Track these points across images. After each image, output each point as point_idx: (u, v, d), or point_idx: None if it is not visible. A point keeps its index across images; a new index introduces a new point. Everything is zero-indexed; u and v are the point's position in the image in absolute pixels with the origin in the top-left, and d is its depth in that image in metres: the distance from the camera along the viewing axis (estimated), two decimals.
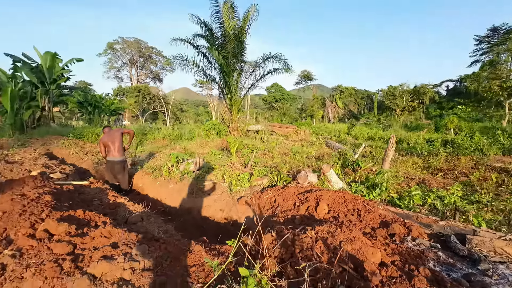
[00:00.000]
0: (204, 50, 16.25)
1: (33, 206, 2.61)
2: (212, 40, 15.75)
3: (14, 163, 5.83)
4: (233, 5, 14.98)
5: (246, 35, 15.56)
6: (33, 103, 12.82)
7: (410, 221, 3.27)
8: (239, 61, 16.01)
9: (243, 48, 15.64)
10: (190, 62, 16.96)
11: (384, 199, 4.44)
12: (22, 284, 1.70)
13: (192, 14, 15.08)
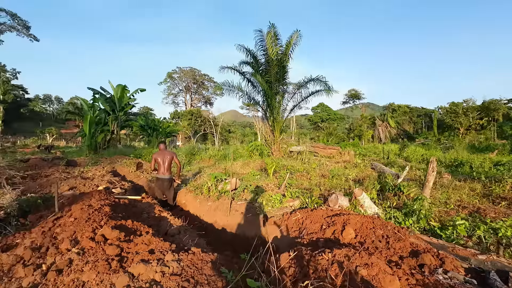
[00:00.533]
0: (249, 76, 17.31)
1: (96, 215, 3.24)
2: (257, 66, 16.70)
3: (87, 179, 7.03)
4: (276, 33, 15.84)
5: (288, 60, 16.17)
6: (105, 128, 15.15)
7: (445, 252, 3.06)
8: (282, 84, 16.58)
9: (285, 72, 16.22)
10: (235, 87, 18.20)
11: (423, 228, 4.14)
12: (81, 275, 2.18)
13: (238, 44, 16.24)
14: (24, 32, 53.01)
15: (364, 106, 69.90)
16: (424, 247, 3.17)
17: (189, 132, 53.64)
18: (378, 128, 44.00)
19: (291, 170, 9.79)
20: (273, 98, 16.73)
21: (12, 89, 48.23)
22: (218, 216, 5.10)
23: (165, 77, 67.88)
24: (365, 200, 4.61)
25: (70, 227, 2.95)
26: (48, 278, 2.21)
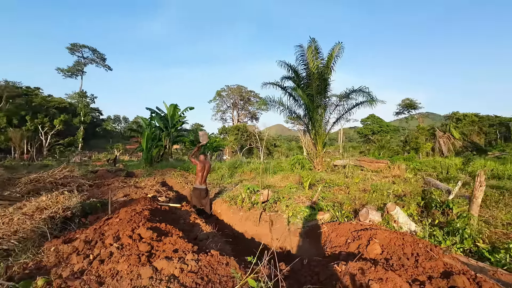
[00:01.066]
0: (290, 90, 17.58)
1: (136, 217, 3.75)
2: (298, 81, 16.88)
3: (139, 188, 7.96)
4: (317, 47, 15.94)
5: (330, 72, 16.02)
6: (159, 143, 16.86)
7: (484, 276, 2.73)
8: (323, 97, 16.40)
9: (327, 84, 16.06)
10: (276, 102, 18.58)
11: (469, 249, 3.68)
12: (117, 265, 2.59)
13: (279, 61, 16.65)
14: (101, 63, 62.79)
15: (422, 116, 63.74)
16: (459, 268, 2.88)
17: (236, 146, 55.57)
18: (438, 140, 39.62)
19: (330, 184, 9.54)
20: (314, 111, 16.63)
21: (90, 112, 56.94)
22: (248, 226, 5.29)
23: (214, 95, 72.20)
24: (399, 216, 4.31)
25: (115, 226, 3.48)
26: (93, 265, 2.67)
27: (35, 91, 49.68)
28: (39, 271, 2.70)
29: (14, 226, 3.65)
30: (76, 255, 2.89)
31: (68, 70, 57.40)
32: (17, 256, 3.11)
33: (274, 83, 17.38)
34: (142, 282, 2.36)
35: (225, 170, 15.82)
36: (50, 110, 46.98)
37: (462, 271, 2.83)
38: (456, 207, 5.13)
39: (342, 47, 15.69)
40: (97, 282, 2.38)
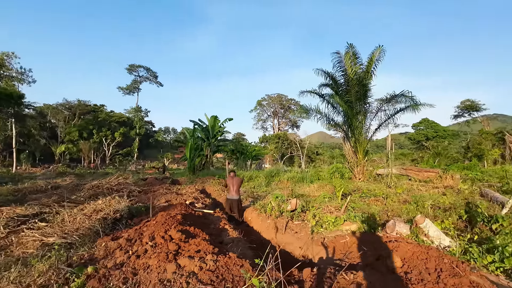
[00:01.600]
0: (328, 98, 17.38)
1: (170, 221, 4.26)
2: (336, 87, 16.62)
3: (180, 194, 8.71)
4: (355, 53, 15.61)
5: (371, 77, 15.51)
6: (201, 153, 18.01)
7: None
8: (363, 103, 15.88)
9: (366, 90, 15.53)
10: (314, 110, 18.49)
11: (511, 269, 3.33)
12: (149, 260, 3.05)
13: (316, 69, 16.57)
14: (154, 80, 69.23)
15: (487, 118, 56.31)
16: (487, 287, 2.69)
17: (277, 155, 55.70)
18: (509, 146, 34.63)
19: (367, 194, 9.21)
20: (354, 118, 16.16)
21: (144, 124, 62.97)
22: (274, 233, 5.47)
23: (255, 105, 73.73)
24: (430, 229, 4.07)
25: (151, 228, 4.02)
26: (131, 259, 3.18)
27: (100, 107, 56.93)
28: (91, 261, 3.30)
29: (76, 224, 4.45)
30: (119, 250, 3.45)
31: (127, 88, 64.50)
32: (77, 248, 3.81)
33: (312, 91, 17.36)
34: (167, 275, 2.75)
35: (262, 179, 16.14)
36: (112, 124, 53.28)
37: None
38: (507, 223, 4.63)
39: (383, 50, 15.11)
40: (132, 273, 2.85)
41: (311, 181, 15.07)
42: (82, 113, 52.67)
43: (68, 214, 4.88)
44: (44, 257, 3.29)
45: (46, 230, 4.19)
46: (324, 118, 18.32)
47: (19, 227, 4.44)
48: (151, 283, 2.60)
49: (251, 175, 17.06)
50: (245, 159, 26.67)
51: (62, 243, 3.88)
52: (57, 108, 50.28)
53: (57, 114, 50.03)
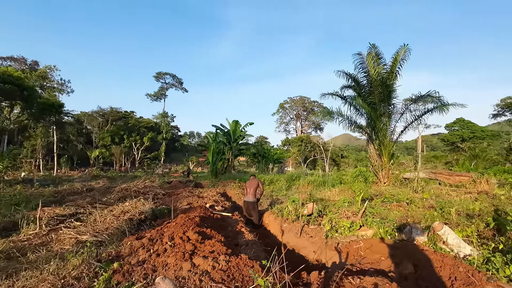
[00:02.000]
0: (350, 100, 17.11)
1: (188, 222, 4.53)
2: (358, 89, 16.32)
3: (201, 197, 9.07)
4: (378, 53, 15.28)
5: (396, 77, 15.10)
6: (223, 156, 18.45)
7: None
8: (387, 104, 15.44)
9: (390, 91, 15.09)
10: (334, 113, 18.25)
11: None
12: (167, 259, 3.32)
13: (338, 70, 16.34)
14: (179, 87, 71.91)
15: None
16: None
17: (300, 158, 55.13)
18: None
19: (390, 199, 8.99)
20: (377, 120, 15.76)
21: (171, 129, 65.55)
22: (290, 237, 5.56)
23: (278, 108, 73.75)
24: (448, 237, 3.94)
25: (171, 229, 4.32)
26: (151, 257, 3.47)
27: (130, 114, 60.26)
28: (117, 258, 3.64)
29: (106, 224, 4.89)
30: (142, 249, 3.77)
31: (154, 94, 67.72)
32: (106, 246, 4.20)
33: (334, 93, 17.18)
34: (182, 273, 2.99)
35: (282, 182, 16.17)
36: (141, 129, 56.11)
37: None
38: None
39: (408, 49, 14.65)
40: (152, 270, 3.13)
41: (333, 185, 14.86)
42: (114, 119, 56.16)
43: (99, 215, 5.37)
44: (78, 253, 3.70)
45: (80, 229, 4.66)
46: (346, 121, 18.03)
47: (58, 225, 4.97)
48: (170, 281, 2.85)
49: (271, 178, 17.15)
50: (266, 162, 26.80)
51: (94, 241, 4.30)
52: (92, 115, 54.10)
53: (92, 121, 53.83)
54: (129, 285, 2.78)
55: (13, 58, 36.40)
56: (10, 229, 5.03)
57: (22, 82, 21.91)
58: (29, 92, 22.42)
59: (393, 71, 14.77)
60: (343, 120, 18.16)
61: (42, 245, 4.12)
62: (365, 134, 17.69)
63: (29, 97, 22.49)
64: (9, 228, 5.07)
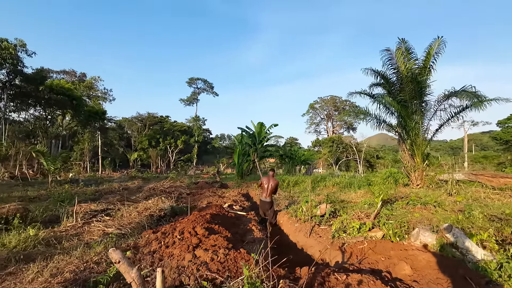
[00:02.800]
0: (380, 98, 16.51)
1: (199, 219, 4.89)
2: (388, 87, 15.73)
3: (222, 197, 9.49)
4: (408, 48, 14.63)
5: (430, 73, 14.32)
6: (248, 158, 18.84)
7: None
8: (420, 102, 14.67)
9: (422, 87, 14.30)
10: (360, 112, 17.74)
11: None
12: (173, 250, 3.68)
13: (365, 68, 15.78)
14: (210, 91, 74.47)
15: None
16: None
17: (331, 159, 53.73)
18: None
19: (415, 201, 8.62)
20: (408, 119, 15.04)
21: (202, 132, 68.10)
22: (300, 237, 5.65)
23: (308, 108, 72.74)
24: (457, 240, 3.75)
25: (183, 224, 4.71)
26: (161, 248, 3.86)
27: (166, 118, 63.88)
28: (134, 248, 4.10)
29: (130, 219, 5.46)
30: (155, 241, 4.20)
31: (187, 99, 70.93)
32: (127, 238, 4.73)
33: (362, 92, 16.72)
34: (184, 263, 3.32)
35: (307, 183, 16.05)
36: (175, 133, 59.23)
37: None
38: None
39: (442, 41, 13.78)
40: (159, 259, 3.51)
41: (359, 187, 14.44)
42: (151, 124, 60.02)
43: (126, 211, 5.99)
44: (102, 242, 4.24)
45: (108, 222, 5.27)
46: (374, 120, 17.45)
47: (91, 219, 5.66)
48: (170, 267, 3.19)
49: (296, 179, 17.09)
50: (294, 163, 26.66)
51: (118, 233, 4.86)
52: (132, 121, 58.44)
53: (132, 126, 58.11)
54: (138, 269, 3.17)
55: (65, 71, 40.93)
56: (54, 221, 5.85)
57: (71, 92, 24.59)
58: (77, 101, 25.08)
59: (426, 66, 14.00)
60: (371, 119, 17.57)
61: (75, 235, 4.77)
62: (395, 133, 16.96)
63: (77, 106, 25.16)
64: (53, 220, 5.89)
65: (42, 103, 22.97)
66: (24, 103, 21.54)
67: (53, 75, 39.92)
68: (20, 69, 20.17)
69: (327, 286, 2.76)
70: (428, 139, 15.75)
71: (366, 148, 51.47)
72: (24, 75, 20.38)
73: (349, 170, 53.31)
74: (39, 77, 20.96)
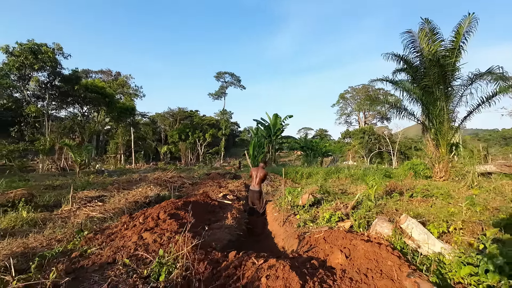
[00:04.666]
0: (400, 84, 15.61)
1: (170, 205, 5.15)
2: (412, 72, 14.74)
3: (222, 187, 9.74)
4: (432, 28, 13.53)
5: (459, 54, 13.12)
6: (263, 150, 18.89)
7: None
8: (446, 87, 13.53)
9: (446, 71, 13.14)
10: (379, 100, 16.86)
11: None
12: (127, 232, 3.96)
13: (386, 53, 14.90)
14: (237, 84, 75.20)
15: None
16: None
17: (361, 151, 51.48)
18: None
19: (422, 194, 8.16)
20: (431, 106, 13.99)
21: (230, 126, 69.38)
22: (275, 225, 5.65)
23: (338, 99, 70.11)
24: (413, 231, 3.48)
25: (151, 210, 5.01)
26: (121, 231, 4.19)
27: (195, 113, 66.21)
28: (103, 230, 4.49)
29: (115, 205, 5.94)
30: (120, 224, 4.54)
31: (215, 93, 72.55)
32: (107, 221, 5.17)
33: (383, 79, 15.91)
34: (129, 243, 3.58)
35: (321, 175, 15.70)
36: (204, 126, 61.18)
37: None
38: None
39: (474, 18, 12.48)
40: (110, 239, 3.84)
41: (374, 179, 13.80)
42: (182, 118, 62.67)
43: (117, 197, 6.51)
44: (81, 224, 4.71)
45: (95, 208, 5.81)
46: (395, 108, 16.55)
47: (86, 204, 6.27)
48: (114, 246, 3.47)
49: (310, 171, 16.78)
50: (315, 155, 26.12)
51: (100, 217, 5.34)
52: (164, 116, 61.60)
53: (164, 121, 61.27)
54: (87, 248, 3.51)
55: (102, 71, 44.35)
56: (58, 206, 6.57)
57: (104, 90, 26.67)
58: (109, 98, 27.15)
59: (455, 47, 12.82)
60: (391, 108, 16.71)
61: (64, 218, 5.34)
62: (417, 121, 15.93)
63: (110, 103, 27.23)
64: (57, 205, 6.62)
65: (79, 101, 25.29)
66: (63, 101, 23.93)
67: (92, 75, 43.56)
68: (58, 71, 22.38)
69: (242, 268, 2.80)
70: (455, 127, 14.56)
71: (401, 139, 48.38)
72: (62, 76, 22.59)
73: (382, 162, 50.67)
74: (75, 77, 23.06)
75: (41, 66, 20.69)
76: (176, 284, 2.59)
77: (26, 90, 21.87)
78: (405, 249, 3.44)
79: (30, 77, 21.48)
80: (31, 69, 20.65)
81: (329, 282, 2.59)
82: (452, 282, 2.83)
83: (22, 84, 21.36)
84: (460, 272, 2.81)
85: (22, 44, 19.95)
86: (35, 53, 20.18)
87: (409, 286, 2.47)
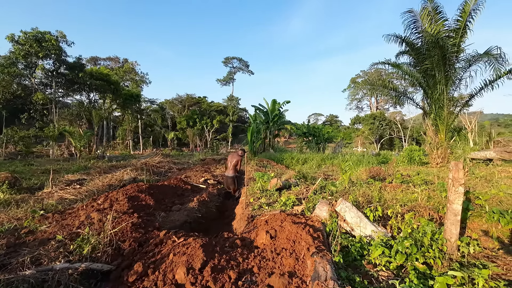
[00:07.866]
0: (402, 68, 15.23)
1: (134, 188, 5.37)
2: (414, 54, 14.26)
3: (207, 172, 9.95)
4: (435, 7, 12.96)
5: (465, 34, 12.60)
6: (261, 136, 18.91)
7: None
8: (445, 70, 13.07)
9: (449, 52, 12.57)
10: (378, 85, 16.44)
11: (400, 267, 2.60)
12: (81, 212, 4.20)
13: (387, 34, 14.41)
14: (245, 70, 74.34)
15: None
16: (306, 274, 2.42)
17: (372, 137, 50.51)
18: None
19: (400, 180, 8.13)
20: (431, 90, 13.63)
21: (238, 112, 69.29)
22: (239, 209, 5.80)
23: (349, 83, 68.28)
24: (346, 214, 3.50)
25: (114, 193, 5.25)
26: (83, 207, 4.45)
27: (203, 99, 66.39)
28: (71, 209, 4.77)
29: (90, 188, 6.26)
30: (80, 205, 4.81)
31: (224, 79, 72.22)
32: (77, 203, 5.47)
33: (384, 62, 15.51)
34: (76, 222, 3.81)
35: (315, 161, 15.65)
36: (211, 113, 61.48)
37: (302, 276, 2.38)
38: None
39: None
40: (62, 218, 4.09)
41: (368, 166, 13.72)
42: (190, 105, 63.13)
43: (96, 181, 6.84)
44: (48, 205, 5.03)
45: (70, 190, 6.14)
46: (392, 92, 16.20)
47: (66, 187, 6.63)
48: (60, 225, 3.72)
49: (306, 158, 16.71)
50: (317, 142, 25.88)
51: (73, 198, 5.66)
52: (172, 102, 62.21)
53: (173, 107, 61.95)
54: (38, 226, 3.78)
55: (110, 58, 44.91)
56: (42, 188, 6.98)
57: (109, 78, 27.13)
58: (115, 85, 27.64)
59: (461, 27, 12.27)
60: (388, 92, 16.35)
61: (40, 200, 5.69)
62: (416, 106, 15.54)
63: (115, 90, 27.75)
64: (42, 187, 7.03)
65: (85, 88, 25.92)
66: (70, 89, 24.60)
67: (101, 62, 44.23)
68: (63, 59, 22.89)
69: (162, 246, 2.96)
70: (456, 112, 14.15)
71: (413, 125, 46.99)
72: (67, 64, 23.12)
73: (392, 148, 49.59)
74: (78, 65, 23.55)
75: (46, 54, 21.21)
76: (98, 258, 2.80)
77: (34, 78, 22.60)
78: (334, 231, 3.49)
79: (36, 65, 22.12)
80: (37, 57, 21.24)
81: (239, 259, 2.71)
82: (366, 262, 2.88)
83: (29, 73, 22.05)
84: (375, 253, 2.85)
85: (27, 32, 20.44)
86: (39, 41, 20.67)
87: (309, 264, 2.55)
